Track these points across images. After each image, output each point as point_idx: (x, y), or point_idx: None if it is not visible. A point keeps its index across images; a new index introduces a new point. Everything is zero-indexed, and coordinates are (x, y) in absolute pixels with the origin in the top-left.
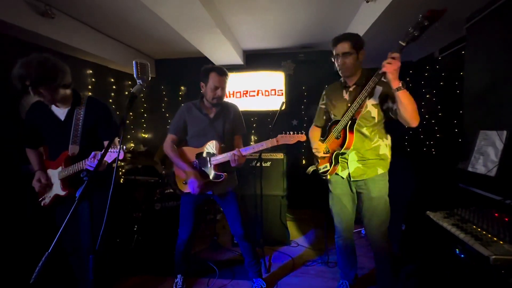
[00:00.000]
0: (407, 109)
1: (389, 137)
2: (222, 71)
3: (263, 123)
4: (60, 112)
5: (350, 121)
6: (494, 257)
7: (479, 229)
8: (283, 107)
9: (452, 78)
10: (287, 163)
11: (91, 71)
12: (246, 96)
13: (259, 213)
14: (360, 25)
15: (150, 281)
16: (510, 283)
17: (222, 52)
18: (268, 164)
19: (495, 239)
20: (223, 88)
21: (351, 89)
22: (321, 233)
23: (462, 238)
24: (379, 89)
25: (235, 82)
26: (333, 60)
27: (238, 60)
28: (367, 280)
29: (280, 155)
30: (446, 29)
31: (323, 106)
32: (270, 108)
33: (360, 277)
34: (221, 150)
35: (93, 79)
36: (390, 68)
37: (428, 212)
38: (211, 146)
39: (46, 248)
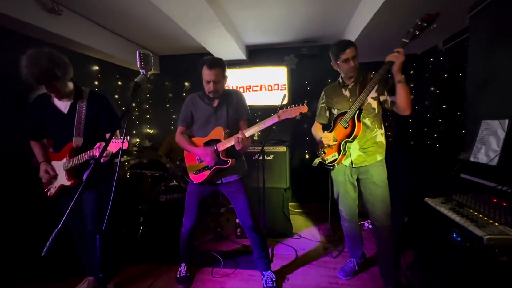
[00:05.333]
0: (405, 100)
1: (383, 126)
2: (212, 64)
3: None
4: (63, 105)
5: (358, 111)
6: (487, 237)
7: (475, 213)
8: (286, 101)
9: (456, 69)
10: (290, 156)
11: (97, 68)
12: (249, 91)
13: (262, 206)
14: (362, 17)
15: (155, 269)
16: (502, 261)
17: (225, 47)
18: (271, 157)
19: (490, 221)
20: (216, 82)
21: (350, 86)
22: (324, 226)
23: (458, 221)
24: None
25: (238, 77)
26: (339, 63)
27: (241, 55)
28: (374, 261)
29: (282, 148)
30: (449, 20)
31: (324, 105)
32: (274, 102)
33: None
34: (226, 136)
35: (99, 75)
36: (398, 60)
37: (426, 198)
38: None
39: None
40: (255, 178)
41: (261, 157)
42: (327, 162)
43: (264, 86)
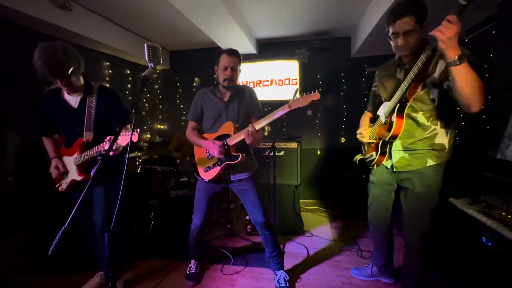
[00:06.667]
0: (464, 91)
1: (450, 123)
2: (232, 52)
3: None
4: (73, 100)
5: (398, 104)
6: None
7: (509, 216)
8: (297, 96)
9: (481, 61)
10: (301, 153)
11: (108, 63)
12: (259, 85)
13: (272, 203)
14: (378, 7)
15: (166, 265)
16: None
17: (235, 41)
18: (282, 153)
19: None
20: (234, 69)
21: (406, 66)
22: (336, 224)
23: (490, 225)
24: (442, 63)
25: (248, 72)
26: (389, 40)
27: (251, 49)
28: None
29: (294, 144)
30: (474, 8)
31: (375, 89)
32: (284, 97)
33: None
34: (236, 131)
35: (110, 71)
36: (443, 36)
37: (451, 199)
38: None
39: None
40: (265, 174)
41: (271, 153)
42: (367, 161)
43: (274, 81)
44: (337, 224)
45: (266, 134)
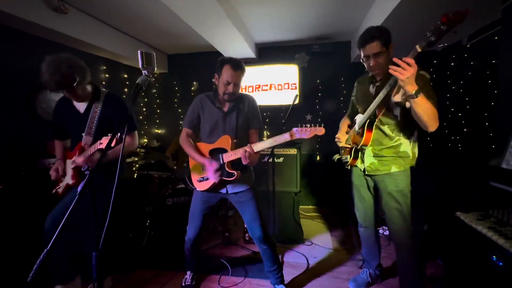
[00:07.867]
0: (422, 118)
1: (416, 133)
2: (238, 65)
3: (276, 118)
4: (81, 106)
5: (368, 120)
6: None
7: None
8: (297, 101)
9: (483, 67)
10: (300, 159)
11: (104, 67)
12: (258, 90)
13: (271, 210)
14: (379, 13)
15: (161, 276)
16: None
17: (233, 45)
18: (281, 159)
19: None
20: (236, 84)
21: (378, 83)
22: (336, 232)
23: (502, 244)
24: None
25: (247, 76)
26: (361, 62)
27: (250, 53)
28: (391, 271)
29: (293, 151)
30: (477, 13)
31: (353, 98)
32: (283, 102)
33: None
34: (234, 146)
35: (107, 75)
36: (402, 76)
37: (458, 213)
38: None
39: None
40: (264, 181)
41: (271, 160)
42: (342, 161)
43: (274, 85)
44: (338, 232)
45: (264, 139)
